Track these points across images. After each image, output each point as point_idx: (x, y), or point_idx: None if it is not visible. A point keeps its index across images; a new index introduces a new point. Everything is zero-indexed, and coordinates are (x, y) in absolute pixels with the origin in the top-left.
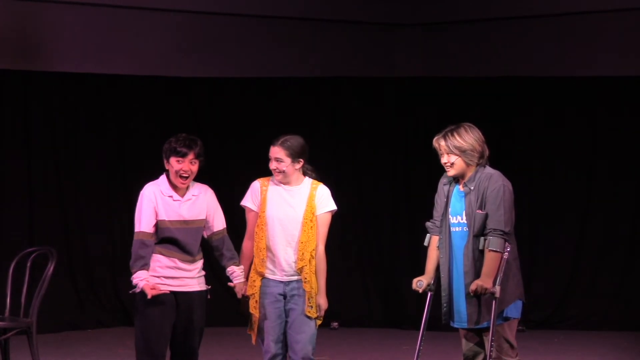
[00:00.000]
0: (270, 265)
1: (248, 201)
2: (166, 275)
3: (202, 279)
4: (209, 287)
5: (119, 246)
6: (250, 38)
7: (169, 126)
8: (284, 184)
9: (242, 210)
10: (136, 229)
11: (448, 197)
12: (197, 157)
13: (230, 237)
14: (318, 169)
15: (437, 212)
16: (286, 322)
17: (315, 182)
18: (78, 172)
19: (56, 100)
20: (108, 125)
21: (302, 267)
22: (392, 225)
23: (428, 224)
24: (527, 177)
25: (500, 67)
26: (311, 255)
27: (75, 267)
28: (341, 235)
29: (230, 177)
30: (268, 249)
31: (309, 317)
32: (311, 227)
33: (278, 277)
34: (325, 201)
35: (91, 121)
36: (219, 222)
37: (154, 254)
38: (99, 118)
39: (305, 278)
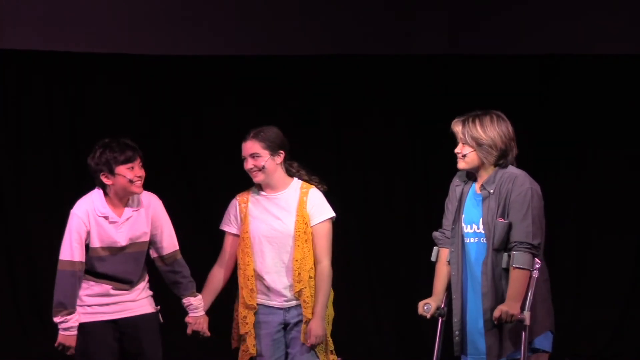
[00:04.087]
0: (263, 293)
1: (225, 223)
2: (98, 303)
3: (149, 300)
4: (158, 307)
5: None
6: (245, 10)
7: (138, 117)
8: (268, 188)
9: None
10: (62, 257)
11: (461, 201)
12: (141, 159)
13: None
14: (316, 166)
15: (448, 220)
16: (287, 353)
17: (305, 184)
18: (21, 171)
19: None
20: (58, 116)
21: (300, 290)
22: (408, 236)
23: (436, 234)
24: (574, 174)
25: (541, 43)
26: (309, 275)
27: (19, 288)
28: (344, 250)
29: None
30: (257, 276)
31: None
32: (305, 240)
33: (276, 304)
34: (319, 208)
35: (39, 110)
36: (168, 242)
37: (83, 280)
38: (48, 108)
39: (306, 302)
